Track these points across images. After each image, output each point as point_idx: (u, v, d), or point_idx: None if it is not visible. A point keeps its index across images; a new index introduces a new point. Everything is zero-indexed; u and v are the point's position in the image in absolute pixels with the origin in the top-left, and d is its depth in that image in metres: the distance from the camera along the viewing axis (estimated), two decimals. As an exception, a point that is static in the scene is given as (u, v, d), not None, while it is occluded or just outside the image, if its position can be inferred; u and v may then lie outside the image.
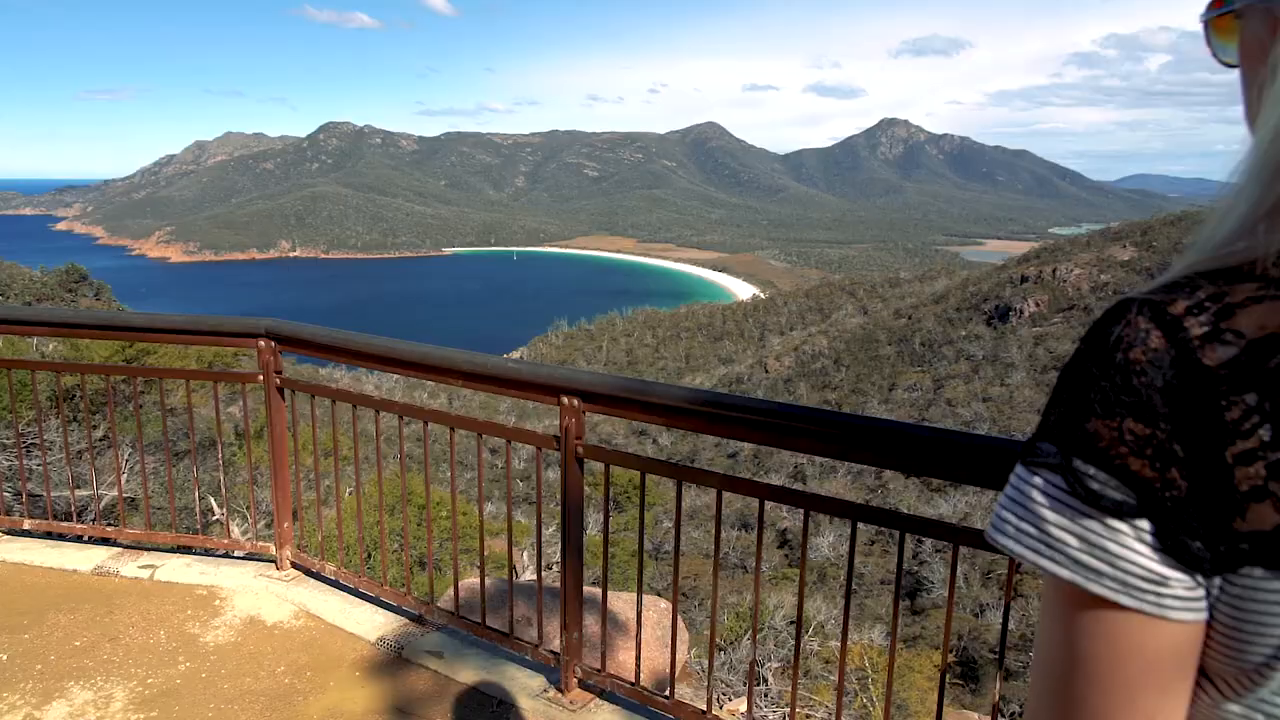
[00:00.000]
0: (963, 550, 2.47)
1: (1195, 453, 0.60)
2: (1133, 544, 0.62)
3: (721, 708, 5.58)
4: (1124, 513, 0.62)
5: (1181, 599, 0.62)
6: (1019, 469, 0.69)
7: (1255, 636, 0.61)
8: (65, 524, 4.65)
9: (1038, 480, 0.67)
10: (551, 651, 3.35)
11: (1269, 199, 0.63)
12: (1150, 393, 0.62)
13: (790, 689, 3.00)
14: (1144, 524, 0.62)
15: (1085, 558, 0.64)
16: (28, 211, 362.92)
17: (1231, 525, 0.60)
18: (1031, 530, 0.67)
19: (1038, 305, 72.24)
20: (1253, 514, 0.59)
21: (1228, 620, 0.62)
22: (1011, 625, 2.65)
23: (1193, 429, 0.60)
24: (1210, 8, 0.75)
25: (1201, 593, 0.62)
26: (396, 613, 3.94)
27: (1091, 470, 0.63)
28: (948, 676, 2.70)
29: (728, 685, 9.16)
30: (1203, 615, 0.63)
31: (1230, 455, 0.59)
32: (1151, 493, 0.61)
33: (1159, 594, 0.62)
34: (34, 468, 7.17)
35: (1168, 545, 0.62)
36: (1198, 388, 0.61)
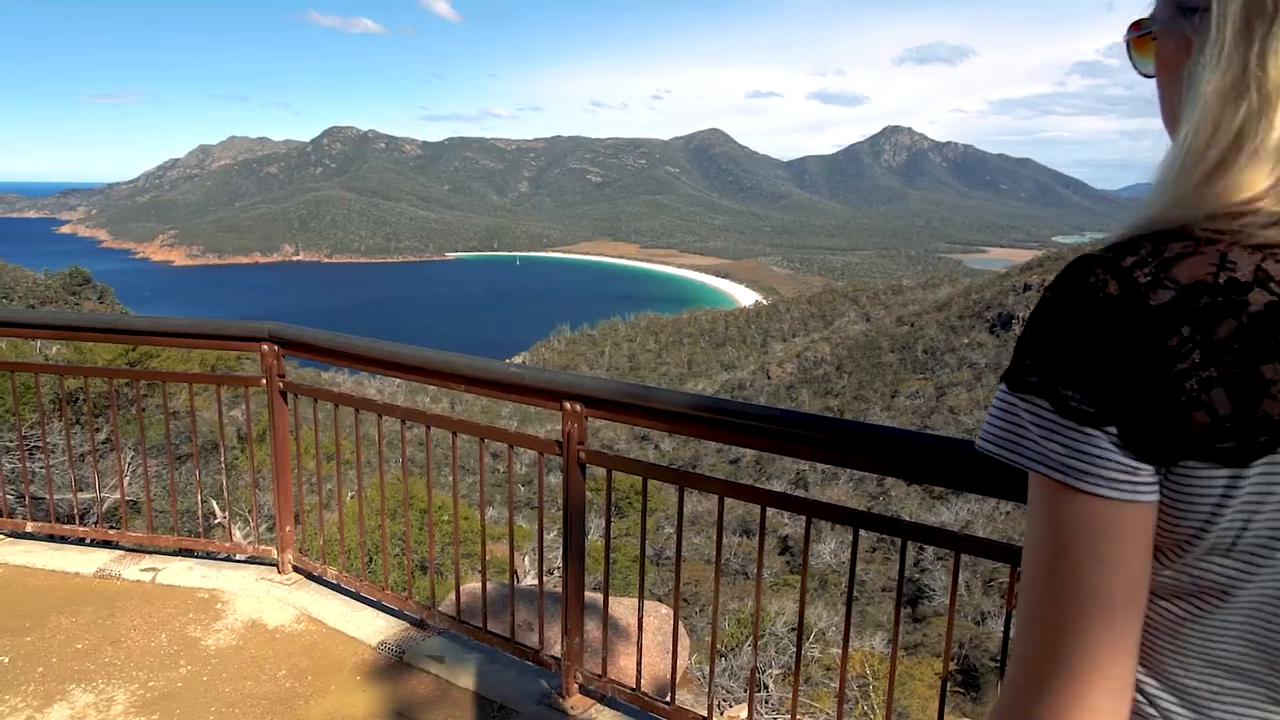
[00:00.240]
0: (964, 558, 2.47)
1: (1147, 372, 0.76)
2: (1107, 446, 0.78)
3: (722, 714, 5.57)
4: (1098, 422, 0.78)
5: (1146, 485, 0.78)
6: (1005, 395, 0.84)
7: (1187, 513, 0.78)
8: (68, 526, 4.65)
9: (1025, 403, 0.82)
10: (553, 657, 3.35)
11: (1193, 179, 0.80)
12: (1111, 328, 0.78)
13: (791, 696, 3.00)
14: (1113, 430, 0.78)
15: (1071, 461, 0.79)
16: (32, 214, 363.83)
17: (1175, 426, 0.76)
18: (1023, 443, 0.83)
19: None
20: (1189, 419, 0.75)
21: (1168, 502, 0.79)
22: (1012, 633, 2.65)
23: (1144, 354, 0.76)
24: (1131, 29, 0.93)
25: (1157, 480, 0.79)
26: (398, 617, 3.94)
27: (1070, 392, 0.79)
28: (948, 684, 2.69)
29: (728, 692, 9.14)
30: (1158, 497, 0.79)
31: (1171, 371, 0.75)
32: (1117, 405, 0.77)
33: (1131, 483, 0.78)
34: (37, 470, 7.19)
35: (1133, 444, 0.78)
36: (1146, 323, 0.77)
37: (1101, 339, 0.78)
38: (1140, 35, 0.92)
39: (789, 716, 3.20)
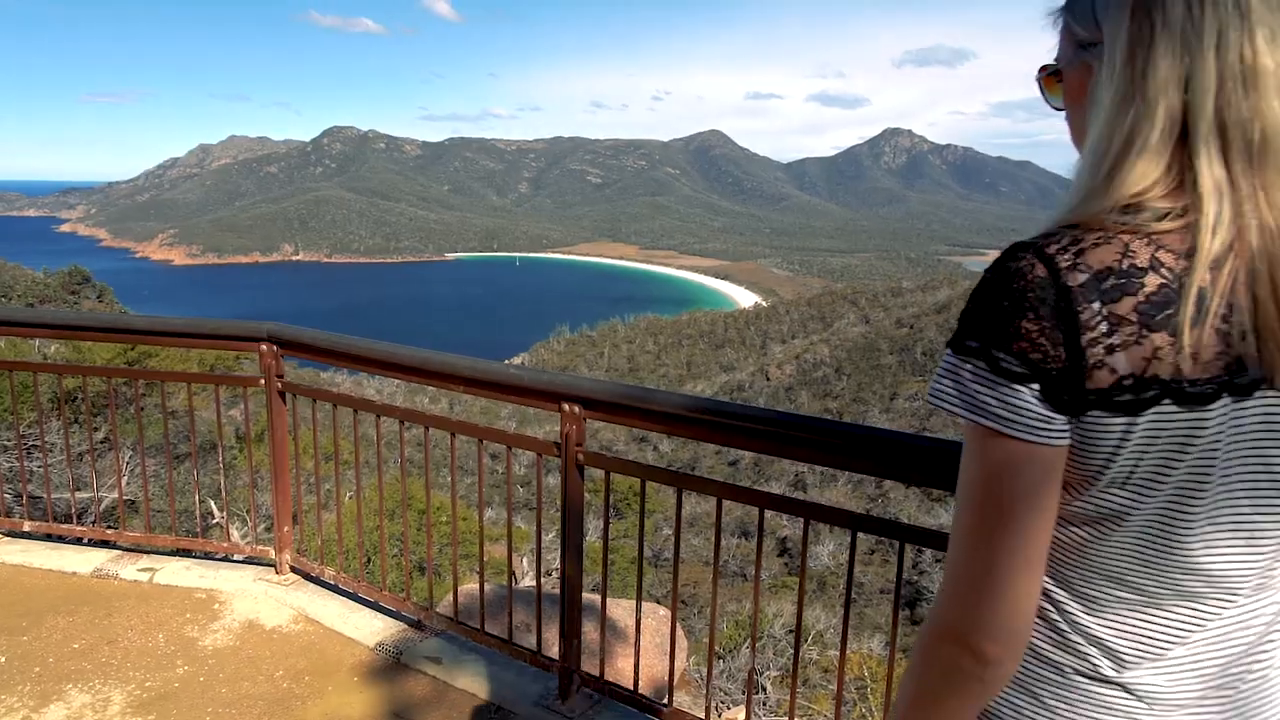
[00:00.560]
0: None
1: (1064, 340, 0.93)
2: (1030, 400, 0.95)
3: (720, 716, 5.57)
4: (1024, 380, 0.95)
5: (1059, 432, 0.96)
6: (950, 357, 1.01)
7: (1092, 453, 0.96)
8: (65, 526, 4.65)
9: (965, 363, 0.99)
10: (550, 658, 3.35)
11: (1100, 175, 0.98)
12: (1037, 303, 0.94)
13: (789, 698, 2.99)
14: (1036, 387, 0.95)
15: (1001, 412, 0.96)
16: (31, 213, 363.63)
17: (1084, 384, 0.93)
18: (963, 397, 0.99)
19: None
20: (1095, 377, 0.93)
21: (1077, 445, 0.97)
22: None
23: (1062, 325, 0.93)
24: (1040, 71, 1.14)
25: (1068, 428, 0.96)
26: (395, 618, 3.93)
27: (1003, 355, 0.96)
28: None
29: (726, 694, 9.14)
30: (1068, 442, 0.96)
31: (1083, 341, 0.92)
32: (1040, 366, 0.94)
33: (1047, 430, 0.95)
34: (35, 469, 7.18)
35: (1051, 398, 0.95)
36: (1065, 299, 0.93)
37: (1029, 311, 0.94)
38: (1049, 75, 1.14)
39: (787, 718, 3.19)
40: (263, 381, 4.05)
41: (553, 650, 3.36)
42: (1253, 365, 0.92)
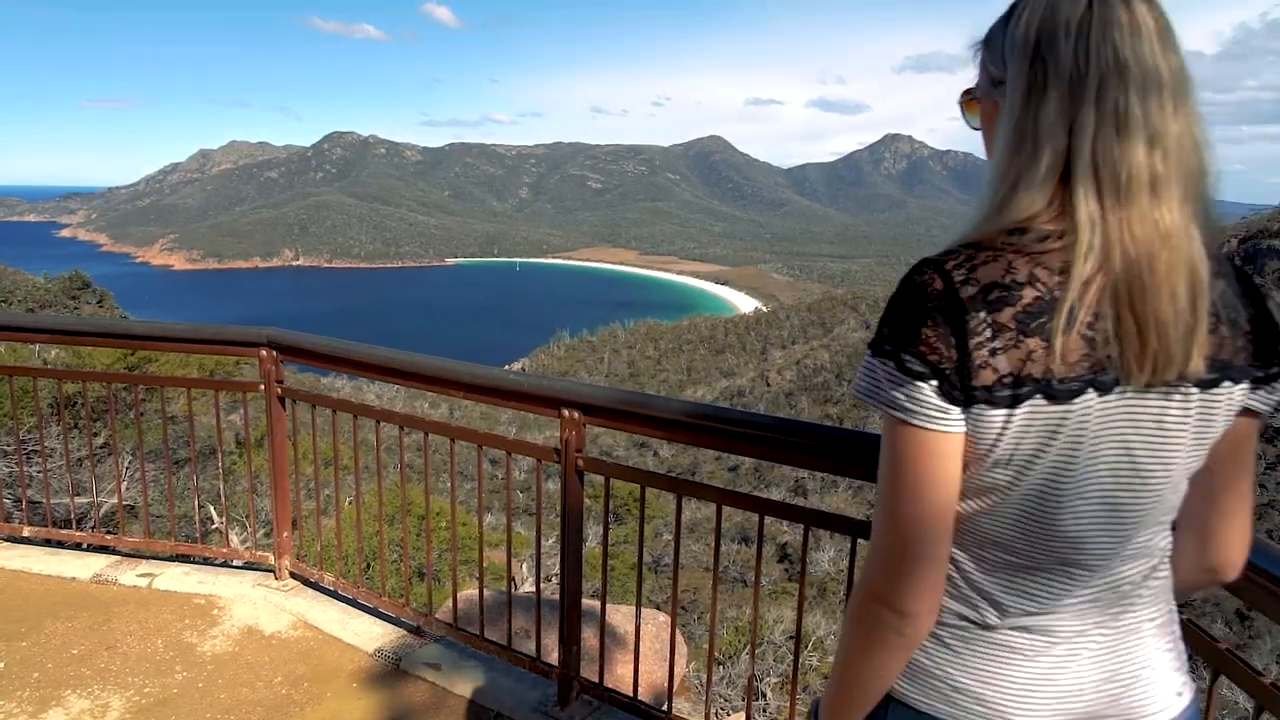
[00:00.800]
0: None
1: (956, 344, 1.09)
2: (930, 394, 1.11)
3: (719, 723, 5.55)
4: (925, 378, 1.11)
5: (955, 421, 1.11)
6: (869, 357, 1.17)
7: (980, 439, 1.12)
8: (64, 531, 4.64)
9: (880, 365, 1.15)
10: (549, 665, 3.34)
11: (994, 204, 1.14)
12: (935, 313, 1.10)
13: (789, 704, 2.99)
14: (934, 383, 1.10)
15: (907, 404, 1.13)
16: (32, 218, 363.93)
17: (972, 381, 1.09)
18: (878, 392, 1.16)
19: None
20: (981, 376, 1.08)
21: (969, 432, 1.12)
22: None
23: (955, 331, 1.09)
24: (963, 95, 1.30)
25: (962, 418, 1.11)
26: (395, 624, 3.93)
27: (908, 357, 1.12)
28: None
29: (726, 700, 9.13)
30: (963, 429, 1.12)
31: (971, 345, 1.08)
32: (937, 366, 1.10)
33: (944, 419, 1.11)
34: (34, 474, 7.17)
35: (946, 393, 1.10)
36: (957, 309, 1.09)
37: (928, 319, 1.11)
38: (969, 99, 1.29)
39: (786, 725, 3.18)
40: (262, 387, 4.05)
41: (552, 657, 3.36)
42: (1113, 367, 1.09)
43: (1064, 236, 1.09)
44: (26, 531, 4.62)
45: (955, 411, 1.11)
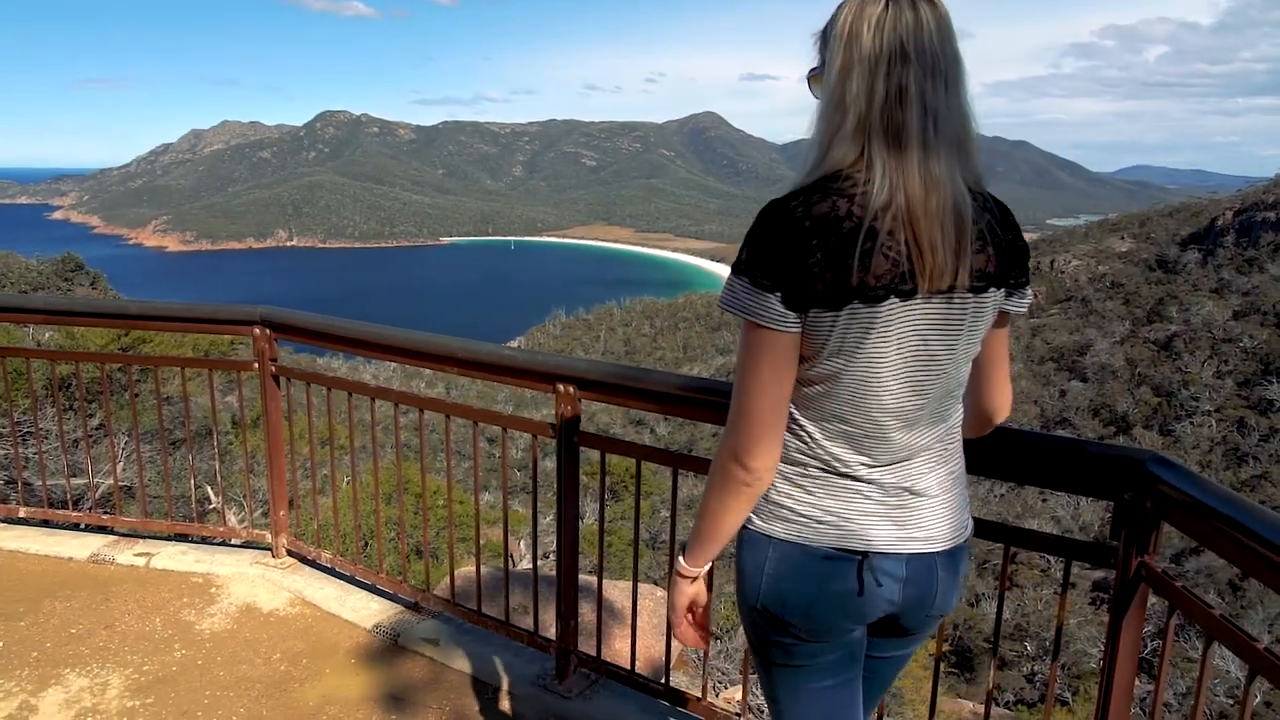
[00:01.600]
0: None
1: (795, 263, 1.43)
2: (775, 303, 1.45)
3: (718, 695, 5.59)
4: (772, 290, 1.45)
5: (793, 323, 1.47)
6: (731, 275, 1.51)
7: (815, 335, 1.47)
8: (61, 512, 4.64)
9: (738, 281, 1.49)
10: (547, 639, 3.36)
11: (818, 155, 1.50)
12: (780, 240, 1.44)
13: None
14: (779, 294, 1.45)
15: (759, 310, 1.47)
16: (23, 200, 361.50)
17: (807, 292, 1.43)
18: (739, 302, 1.49)
19: (1035, 296, 72.14)
20: (813, 288, 1.42)
21: (807, 331, 1.47)
22: (1006, 614, 2.65)
23: (794, 254, 1.42)
24: (808, 73, 1.60)
25: (799, 321, 1.46)
26: (392, 600, 3.94)
27: (760, 274, 1.46)
28: (942, 665, 2.70)
29: (723, 673, 9.18)
30: (799, 330, 1.47)
31: (806, 264, 1.42)
32: (782, 280, 1.44)
33: (785, 321, 1.46)
34: (30, 456, 7.17)
35: (788, 302, 1.45)
36: (796, 237, 1.43)
37: (775, 245, 1.45)
38: (812, 74, 1.59)
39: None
40: (256, 365, 4.04)
41: (550, 631, 3.37)
42: (909, 280, 1.44)
43: (868, 182, 1.43)
44: (23, 512, 4.62)
45: (793, 316, 1.46)
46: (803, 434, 1.59)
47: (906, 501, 1.61)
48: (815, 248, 1.41)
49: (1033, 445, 2.18)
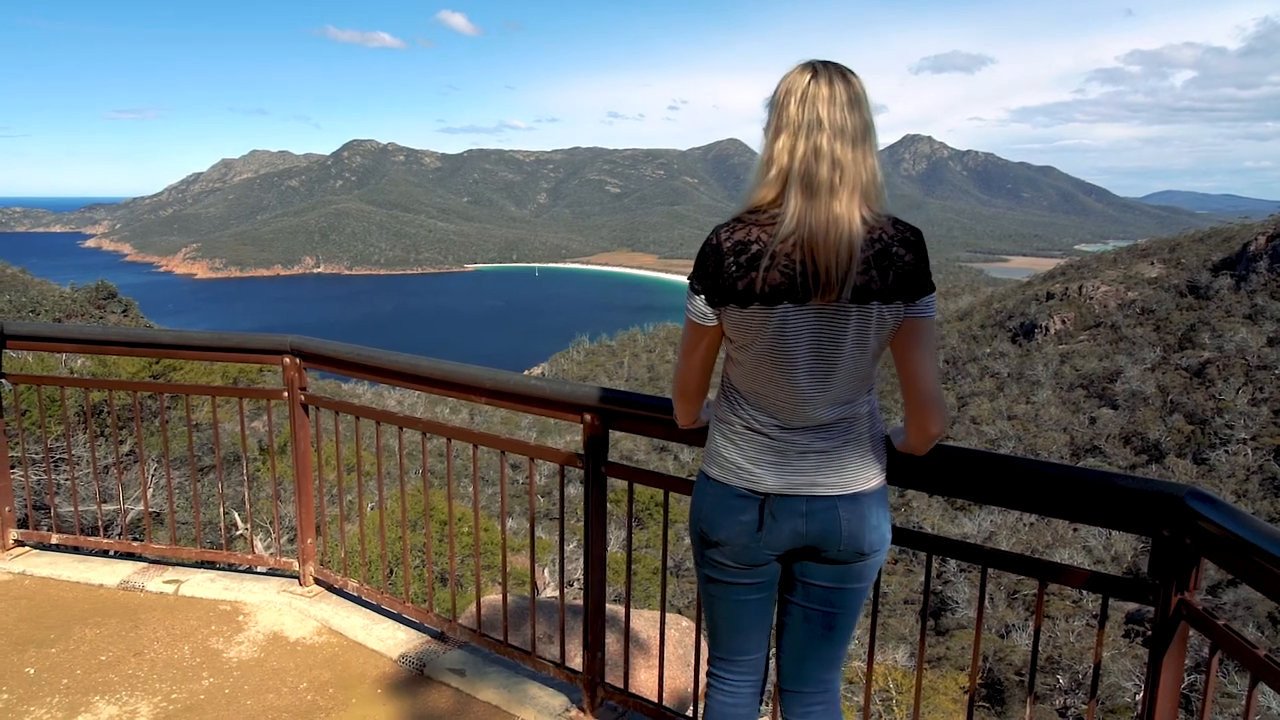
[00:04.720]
0: (988, 571, 2.43)
1: (717, 275, 1.94)
2: (702, 305, 2.00)
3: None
4: (699, 293, 1.99)
5: (713, 318, 2.00)
6: (689, 288, 2.03)
7: (730, 328, 1.99)
8: (92, 539, 4.69)
9: (689, 288, 2.02)
10: (574, 670, 3.33)
11: (751, 193, 1.96)
12: (710, 257, 1.95)
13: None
14: (703, 297, 1.99)
15: (694, 310, 2.02)
16: (58, 229, 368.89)
17: (725, 294, 1.94)
18: (688, 307, 2.02)
19: (1064, 322, 71.49)
20: (729, 292, 1.93)
21: (726, 324, 2.00)
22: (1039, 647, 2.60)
23: (717, 268, 1.94)
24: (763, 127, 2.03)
25: (717, 315, 1.99)
26: (418, 630, 3.93)
27: (694, 280, 2.00)
28: (975, 698, 2.65)
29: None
30: (717, 323, 2.01)
31: (725, 275, 1.92)
32: (706, 285, 1.97)
33: (708, 317, 2.01)
34: (62, 483, 7.25)
35: (711, 302, 1.98)
36: (720, 255, 1.93)
37: (706, 261, 1.95)
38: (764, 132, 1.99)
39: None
40: (285, 394, 4.07)
41: (575, 662, 3.34)
42: (803, 290, 1.87)
43: (778, 217, 1.88)
44: (55, 539, 4.67)
45: (713, 313, 1.98)
46: (736, 399, 2.09)
47: (809, 458, 2.03)
48: (731, 264, 1.90)
49: (1066, 480, 2.14)
